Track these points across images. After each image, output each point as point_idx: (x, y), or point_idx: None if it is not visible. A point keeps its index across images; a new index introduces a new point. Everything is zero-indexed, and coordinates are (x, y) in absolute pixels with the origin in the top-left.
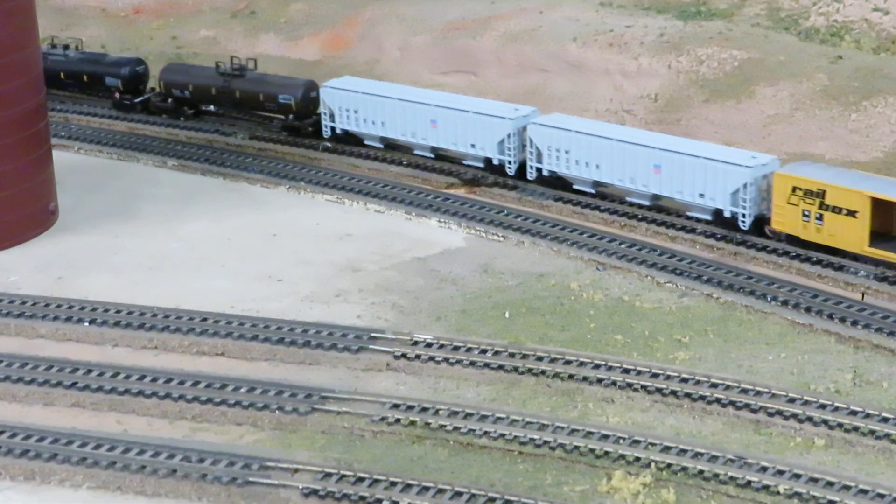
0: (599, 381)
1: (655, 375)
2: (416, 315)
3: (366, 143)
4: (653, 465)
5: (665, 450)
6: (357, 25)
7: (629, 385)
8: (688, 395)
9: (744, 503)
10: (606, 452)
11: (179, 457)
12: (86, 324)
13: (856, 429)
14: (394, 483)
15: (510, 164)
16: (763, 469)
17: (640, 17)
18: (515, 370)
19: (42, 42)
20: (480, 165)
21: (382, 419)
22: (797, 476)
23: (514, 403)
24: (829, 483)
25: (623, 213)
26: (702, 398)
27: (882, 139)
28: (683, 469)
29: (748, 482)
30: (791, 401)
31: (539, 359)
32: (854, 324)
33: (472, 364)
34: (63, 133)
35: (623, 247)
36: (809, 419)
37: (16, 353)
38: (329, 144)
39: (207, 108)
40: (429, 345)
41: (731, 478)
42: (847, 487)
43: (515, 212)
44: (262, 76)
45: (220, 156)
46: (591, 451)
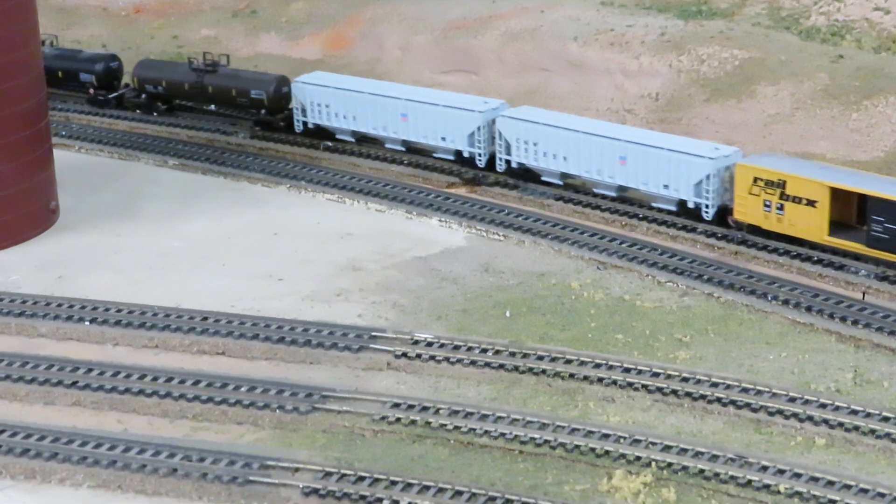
0: (600, 381)
1: (656, 375)
2: (417, 314)
3: (337, 137)
4: (653, 465)
5: (666, 449)
6: (358, 25)
7: (630, 384)
8: (688, 395)
9: (744, 502)
10: (607, 451)
11: (180, 456)
12: (86, 323)
13: (856, 428)
14: (394, 482)
15: (480, 157)
16: (764, 468)
17: (641, 17)
18: (516, 369)
19: None
20: (451, 158)
21: (383, 418)
22: (798, 475)
23: (515, 403)
24: (830, 482)
25: (624, 213)
26: (702, 397)
27: (883, 138)
28: (684, 468)
29: (749, 481)
30: (792, 400)
31: (540, 358)
32: (855, 323)
33: (473, 363)
34: (64, 132)
35: (624, 246)
36: (810, 418)
37: (17, 352)
38: (330, 144)
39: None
40: (429, 344)
41: (732, 477)
42: (847, 487)
43: (516, 211)
44: (235, 72)
45: (221, 155)
46: (592, 451)
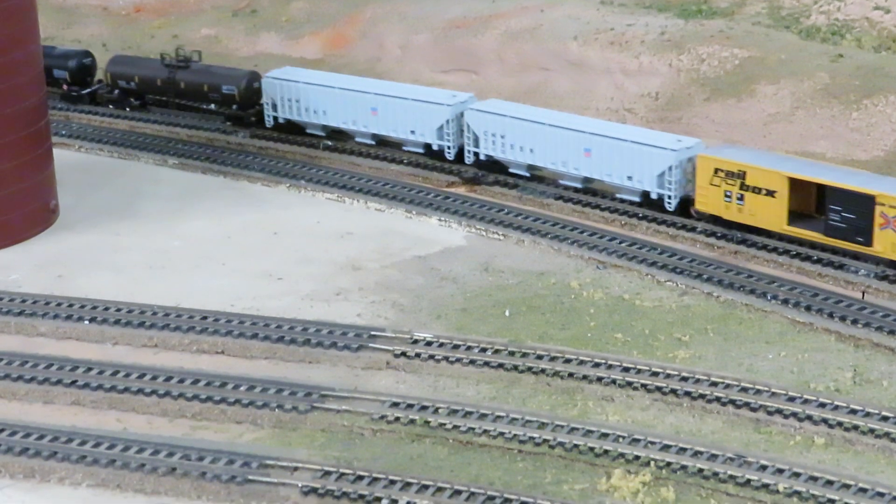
0: (599, 380)
1: (655, 374)
2: (417, 313)
3: (308, 132)
4: (652, 464)
5: (665, 448)
6: (358, 24)
7: (629, 383)
8: (688, 394)
9: (743, 501)
10: (606, 451)
11: (179, 455)
12: (86, 322)
13: (855, 427)
14: (393, 481)
15: (449, 149)
16: (763, 467)
17: (642, 16)
18: (515, 368)
19: None
20: (420, 151)
21: (382, 417)
22: (797, 474)
23: (514, 402)
24: (829, 481)
25: (624, 212)
26: (702, 397)
27: (883, 138)
28: (683, 467)
29: (748, 481)
30: (791, 399)
31: (539, 357)
32: (854, 322)
33: (472, 362)
34: (64, 131)
35: (623, 245)
36: (809, 418)
37: (16, 352)
38: (330, 143)
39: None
40: (429, 343)
41: (731, 476)
42: (847, 486)
43: (516, 210)
44: (207, 67)
45: (221, 154)
46: (591, 450)
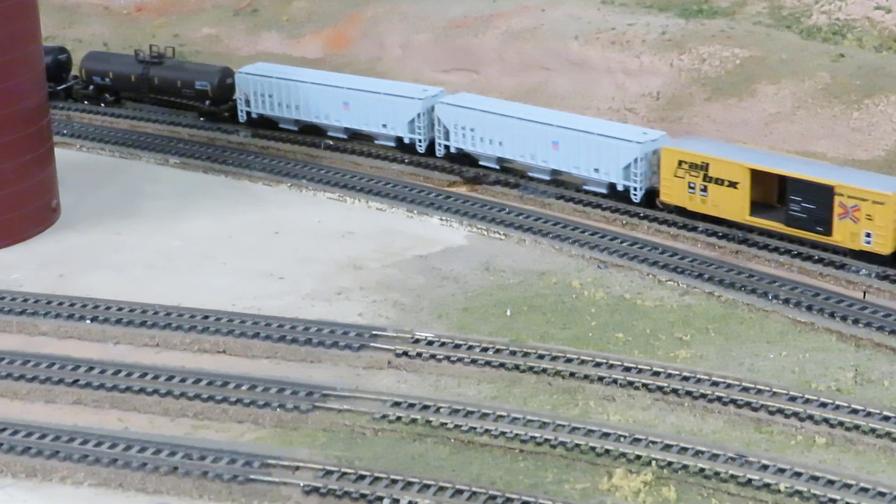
0: (600, 380)
1: (656, 374)
2: (418, 313)
3: (280, 127)
4: (654, 464)
5: (666, 448)
6: (359, 23)
7: (630, 383)
8: (689, 394)
9: (744, 501)
10: (607, 450)
11: (181, 454)
12: (87, 321)
13: (857, 427)
14: (395, 481)
15: (420, 143)
16: (764, 467)
17: (642, 16)
18: (516, 368)
19: None
20: (392, 145)
21: (383, 417)
22: (798, 474)
23: (515, 401)
24: (830, 481)
25: (625, 212)
26: (703, 396)
27: (884, 137)
28: (684, 467)
29: (749, 480)
30: (792, 399)
31: (540, 357)
32: (855, 322)
33: (474, 362)
34: (65, 131)
35: (625, 245)
36: (810, 417)
37: (17, 351)
38: (331, 142)
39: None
40: (430, 343)
41: (732, 476)
42: (848, 486)
43: (517, 210)
44: (180, 63)
45: (222, 153)
46: (592, 450)
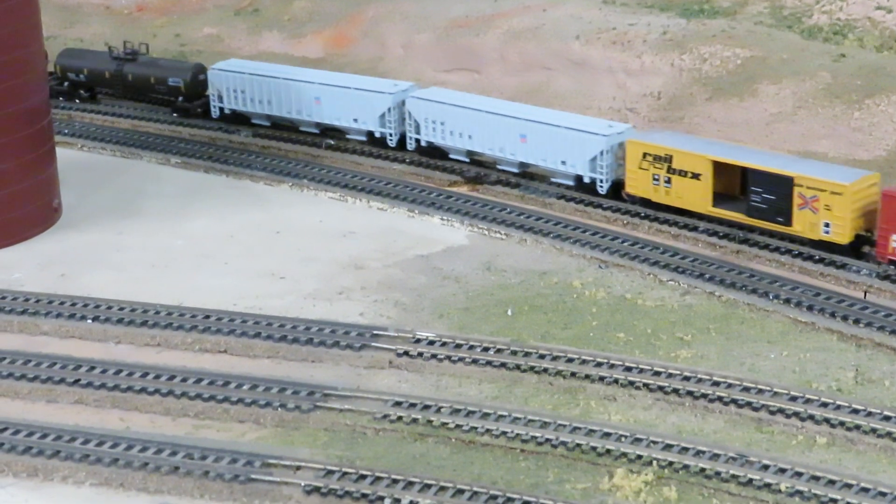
0: (601, 379)
1: (657, 373)
2: (419, 312)
3: (253, 122)
4: (654, 463)
5: (667, 448)
6: (360, 23)
7: (631, 383)
8: (690, 394)
9: (745, 501)
10: (608, 450)
11: (182, 454)
12: (89, 321)
13: (857, 427)
14: (396, 480)
15: (391, 137)
16: (765, 467)
17: (644, 15)
18: (517, 368)
19: None
20: (363, 139)
21: (385, 417)
22: (799, 474)
23: (516, 401)
24: (831, 481)
25: (626, 212)
26: (704, 396)
27: (885, 137)
28: (685, 467)
29: (750, 480)
30: (793, 399)
31: (541, 357)
32: (856, 322)
33: (475, 362)
34: (66, 130)
35: (625, 245)
36: (811, 417)
37: (19, 350)
38: (332, 142)
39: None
40: (431, 342)
41: (733, 476)
42: (848, 486)
43: (518, 209)
44: (154, 60)
45: (224, 153)
46: (593, 449)
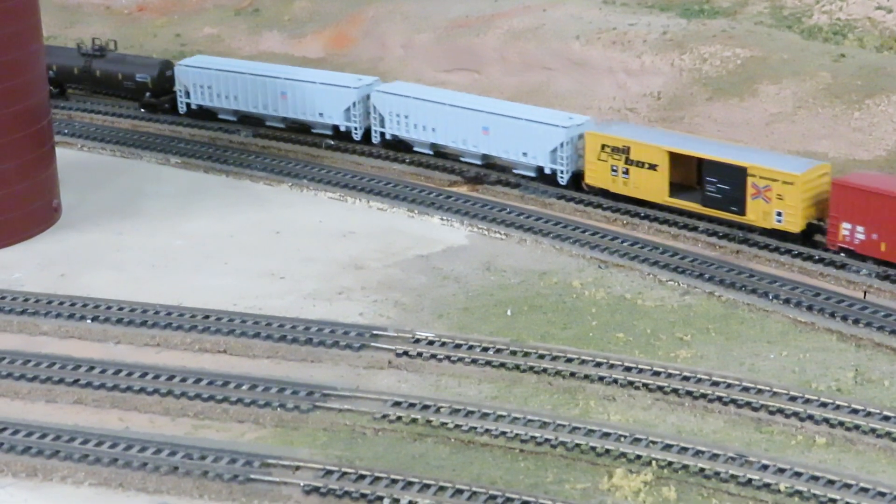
0: (601, 379)
1: (657, 373)
2: (419, 312)
3: (220, 118)
4: (654, 463)
5: (666, 448)
6: (361, 23)
7: (630, 383)
8: (689, 394)
9: (745, 501)
10: (607, 450)
11: (181, 454)
12: (88, 321)
13: (857, 427)
14: (395, 480)
15: (356, 130)
16: (764, 467)
17: (644, 16)
18: (517, 368)
19: None
20: (329, 133)
21: (384, 417)
22: (798, 474)
23: (516, 401)
24: (830, 481)
25: (626, 212)
26: (703, 396)
27: (885, 137)
28: (684, 467)
29: (749, 480)
30: (792, 399)
31: (541, 357)
32: (856, 322)
33: (474, 362)
34: (66, 130)
35: (625, 245)
36: (811, 417)
37: (18, 350)
38: (333, 142)
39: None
40: (431, 342)
41: (733, 476)
42: (848, 486)
43: (518, 209)
44: (122, 56)
45: (224, 153)
46: (593, 449)
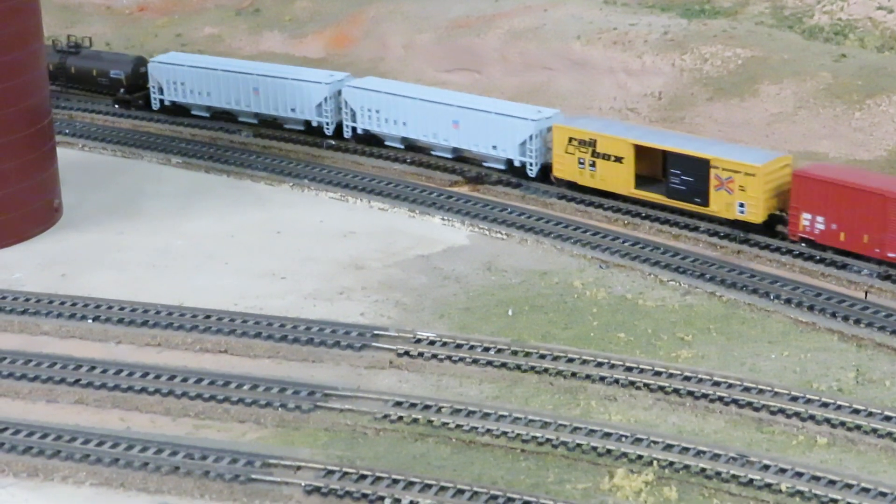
0: (602, 379)
1: (658, 373)
2: (420, 312)
3: (193, 113)
4: (655, 464)
5: (667, 448)
6: (361, 23)
7: (632, 383)
8: (690, 394)
9: (746, 501)
10: (609, 450)
11: (182, 454)
12: (89, 321)
13: (858, 427)
14: (396, 481)
15: (328, 125)
16: (765, 467)
17: (644, 16)
18: (518, 368)
19: None
20: (300, 128)
21: (385, 417)
22: (799, 474)
23: (517, 401)
24: (831, 481)
25: (627, 212)
26: (704, 396)
27: (886, 137)
28: (685, 467)
29: (750, 480)
30: (793, 399)
31: (542, 357)
32: (857, 322)
33: (475, 362)
34: (67, 130)
35: (626, 245)
36: (812, 417)
37: (19, 350)
38: (333, 142)
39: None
40: (432, 342)
41: (734, 476)
42: (849, 486)
43: (519, 209)
44: (96, 53)
45: (225, 153)
46: (594, 449)
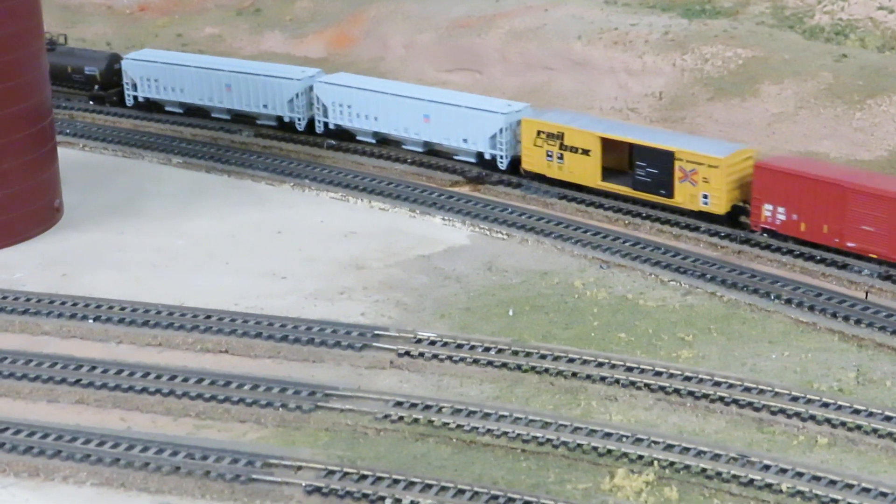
0: (602, 380)
1: (659, 373)
2: (420, 312)
3: (167, 110)
4: (655, 464)
5: (668, 448)
6: (362, 23)
7: (632, 383)
8: (691, 394)
9: (746, 501)
10: (609, 450)
11: (183, 454)
12: (90, 321)
13: (859, 427)
14: (397, 480)
15: (300, 121)
16: (766, 467)
17: (645, 16)
18: (519, 368)
19: None
20: (273, 124)
21: (386, 417)
22: (800, 474)
23: (518, 401)
24: (832, 481)
25: (628, 212)
26: (705, 396)
27: (887, 138)
28: (686, 467)
29: (751, 480)
30: (794, 399)
31: (542, 357)
32: (858, 322)
33: (476, 362)
34: (68, 130)
35: (627, 245)
36: (812, 418)
37: (20, 350)
38: (334, 142)
39: None
40: (432, 342)
41: (734, 476)
42: (850, 486)
43: (519, 210)
44: (71, 50)
45: (225, 153)
46: (594, 449)
